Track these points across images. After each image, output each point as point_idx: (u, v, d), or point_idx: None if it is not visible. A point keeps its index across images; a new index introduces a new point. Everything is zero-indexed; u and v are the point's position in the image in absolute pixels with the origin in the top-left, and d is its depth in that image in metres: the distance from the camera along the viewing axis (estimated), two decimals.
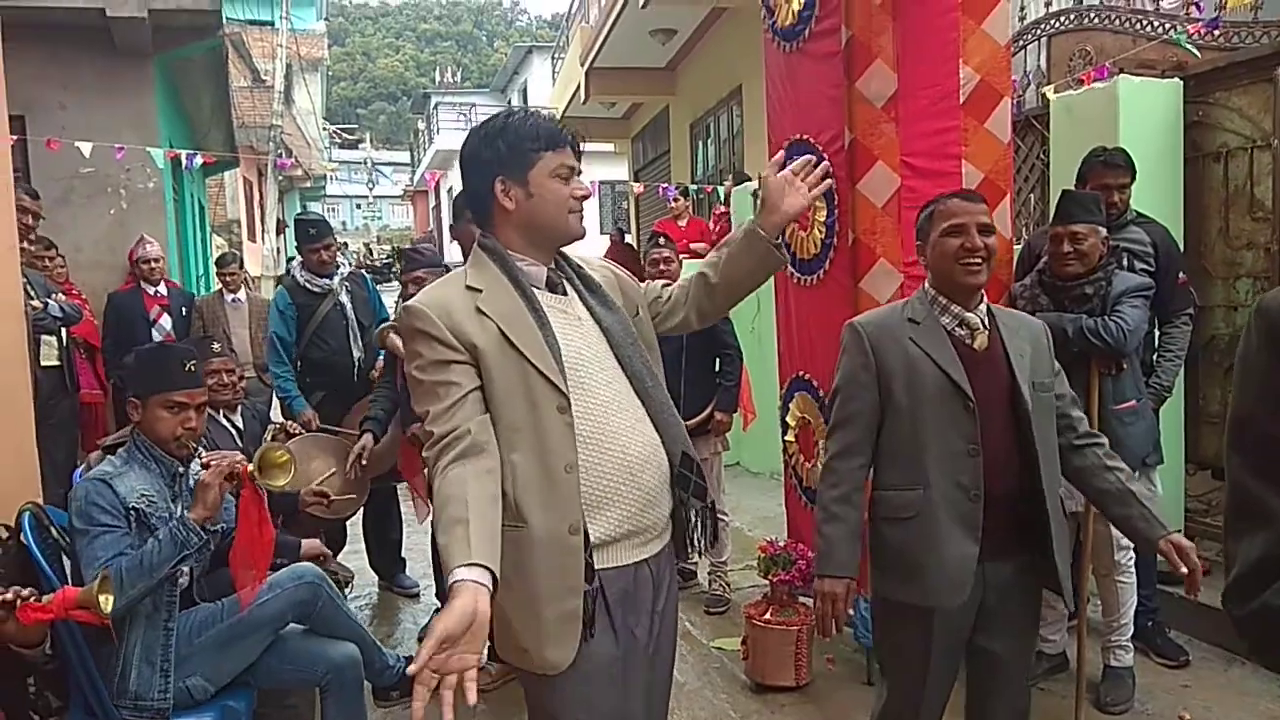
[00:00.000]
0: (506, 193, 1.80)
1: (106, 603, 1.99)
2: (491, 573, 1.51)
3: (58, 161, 7.35)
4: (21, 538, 2.34)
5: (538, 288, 1.83)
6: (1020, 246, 3.92)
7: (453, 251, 4.10)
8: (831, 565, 2.22)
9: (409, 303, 1.79)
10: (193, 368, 2.63)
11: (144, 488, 2.48)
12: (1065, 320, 3.09)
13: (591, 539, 1.74)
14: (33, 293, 4.76)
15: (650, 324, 2.02)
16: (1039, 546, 2.17)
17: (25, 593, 1.97)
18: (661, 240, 4.51)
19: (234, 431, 3.73)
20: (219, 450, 2.83)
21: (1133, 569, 3.30)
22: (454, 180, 11.78)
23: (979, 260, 2.17)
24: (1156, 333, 3.58)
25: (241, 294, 6.70)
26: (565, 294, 1.88)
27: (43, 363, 4.89)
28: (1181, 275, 3.65)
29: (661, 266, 4.32)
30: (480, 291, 1.78)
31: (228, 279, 6.70)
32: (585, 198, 1.86)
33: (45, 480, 3.47)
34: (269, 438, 3.85)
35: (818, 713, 3.39)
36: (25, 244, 4.74)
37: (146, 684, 2.44)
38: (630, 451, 1.80)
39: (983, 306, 2.25)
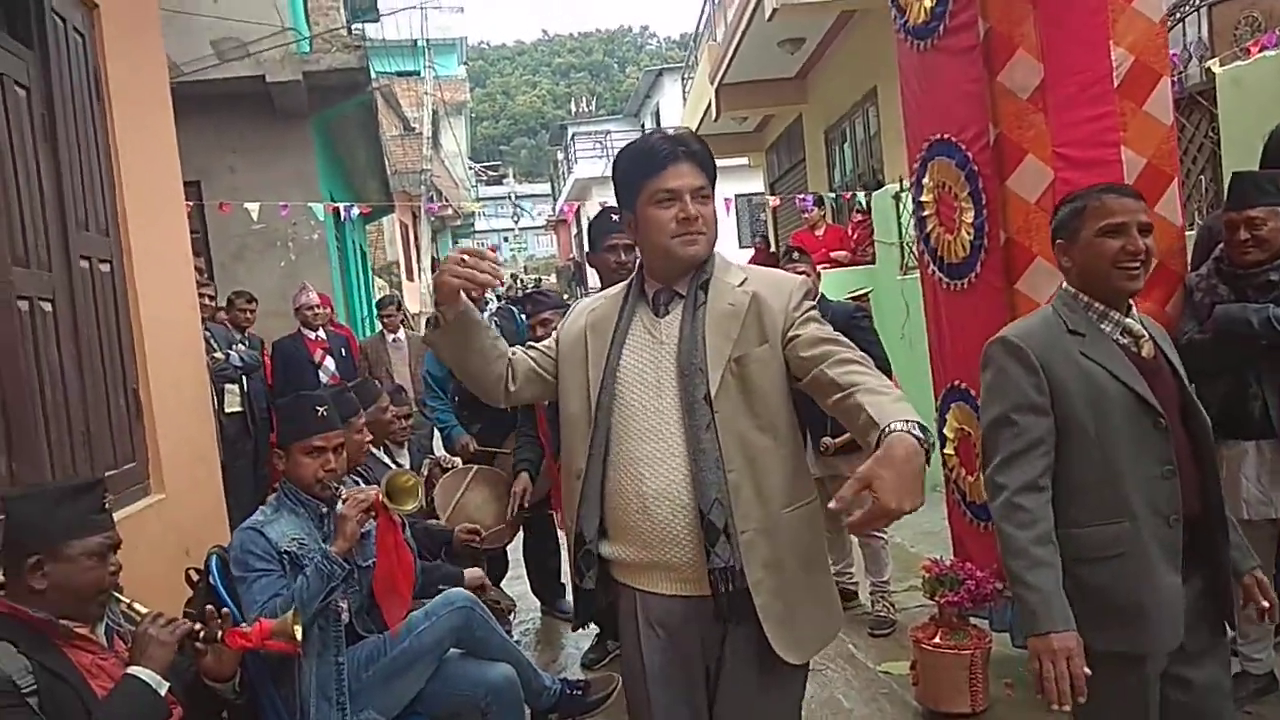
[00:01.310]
0: (630, 225, 1.92)
1: (298, 633, 2.10)
2: None
3: (230, 221, 7.94)
4: (210, 580, 2.50)
5: (647, 305, 1.91)
6: (1194, 232, 3.64)
7: (594, 277, 4.16)
8: (1052, 618, 1.85)
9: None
10: (325, 413, 2.73)
11: (294, 532, 2.59)
12: (1250, 311, 2.83)
13: (611, 555, 1.87)
14: (215, 345, 5.14)
15: (779, 357, 1.84)
16: (1216, 563, 1.99)
17: (225, 612, 2.10)
18: (796, 255, 4.43)
19: (397, 467, 3.89)
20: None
21: None
22: (592, 208, 12.01)
23: (1139, 264, 1.97)
24: None
25: (401, 334, 7.03)
26: (666, 314, 1.88)
27: (227, 410, 5.26)
28: None
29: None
30: (596, 307, 1.98)
31: (386, 320, 7.03)
32: (686, 219, 1.81)
33: (232, 521, 3.71)
34: (424, 473, 3.99)
35: None
36: (205, 299, 5.10)
37: (325, 717, 2.56)
38: (646, 481, 1.80)
39: (1134, 310, 2.08)
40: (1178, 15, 5.13)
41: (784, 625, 1.80)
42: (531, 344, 2.06)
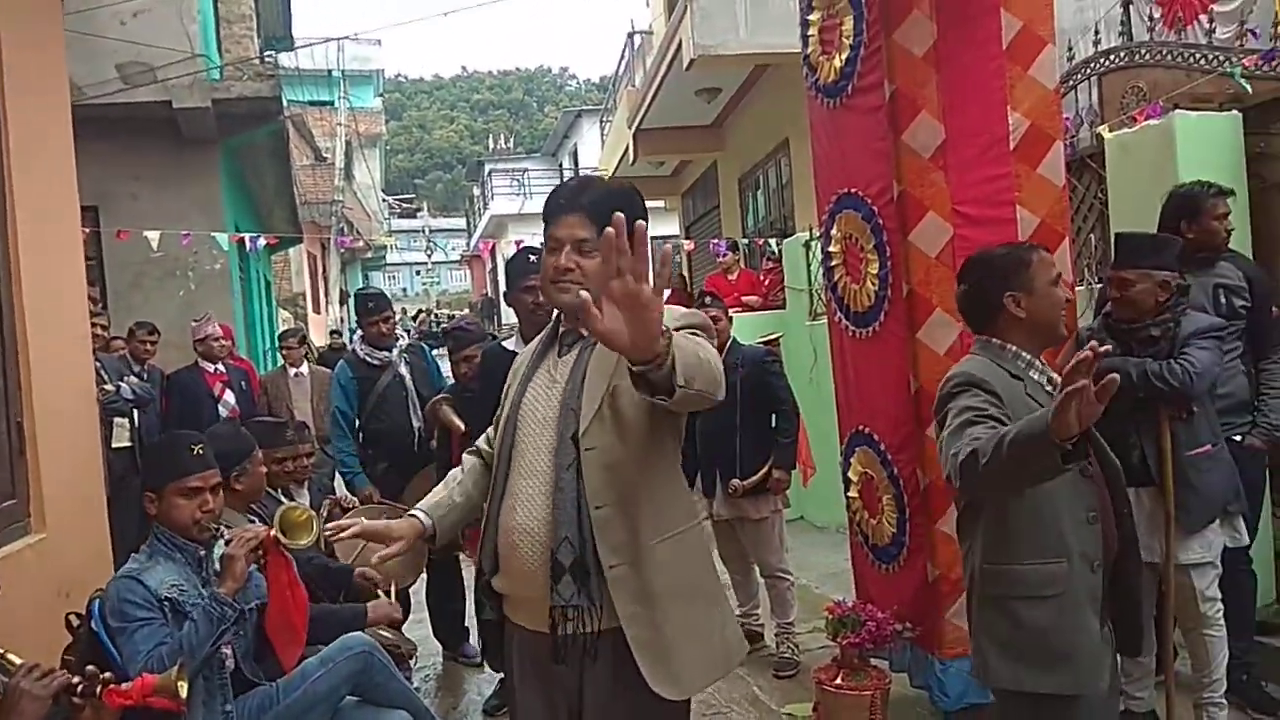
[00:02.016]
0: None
1: (183, 689, 2.00)
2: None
3: (129, 249, 7.66)
4: (92, 625, 2.37)
5: (554, 346, 1.99)
6: (1083, 288, 3.84)
7: (509, 314, 4.13)
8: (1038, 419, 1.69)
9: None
10: (200, 451, 2.63)
11: (172, 579, 2.48)
12: (1130, 364, 2.99)
13: (498, 589, 1.93)
14: (105, 376, 4.93)
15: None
16: (1133, 604, 2.09)
17: (106, 676, 1.99)
18: (708, 300, 4.51)
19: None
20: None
21: (1222, 620, 3.13)
22: (507, 245, 11.99)
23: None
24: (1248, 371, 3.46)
25: (304, 368, 6.85)
26: (566, 354, 1.94)
27: (115, 444, 5.03)
28: (1276, 309, 3.53)
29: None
30: (531, 349, 2.06)
31: (288, 353, 6.85)
32: (558, 269, 1.86)
33: (117, 562, 3.54)
34: (324, 513, 3.89)
35: None
36: (97, 329, 4.90)
37: None
38: (516, 516, 1.86)
39: None
40: (1071, 83, 5.43)
41: (660, 660, 1.79)
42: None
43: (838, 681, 3.41)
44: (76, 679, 1.94)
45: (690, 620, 1.85)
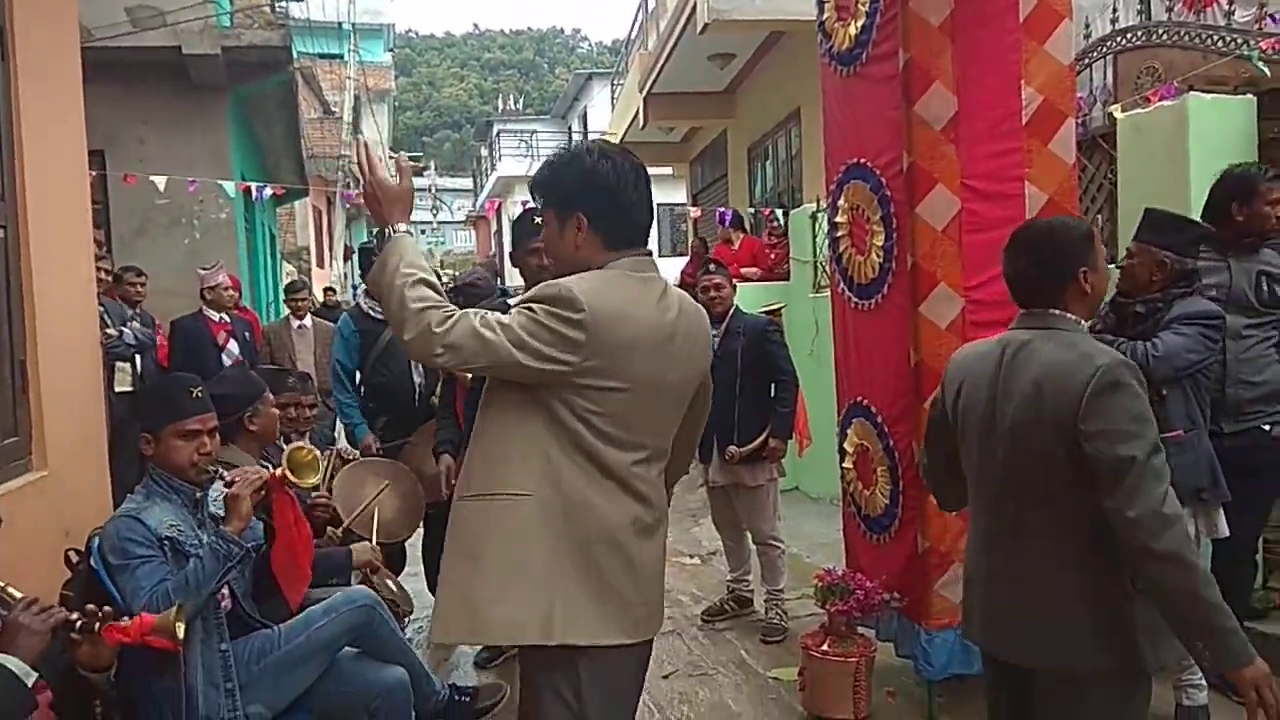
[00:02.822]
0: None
1: (181, 630, 2.03)
2: None
3: (135, 194, 7.64)
4: (91, 562, 2.40)
5: None
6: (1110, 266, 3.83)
7: (514, 276, 4.11)
8: (1249, 647, 1.85)
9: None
10: (200, 394, 2.64)
11: (170, 519, 2.50)
12: (1104, 340, 3.00)
13: None
14: (108, 321, 4.94)
15: None
16: None
17: (106, 611, 2.02)
18: (712, 267, 4.52)
19: None
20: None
21: None
22: (514, 206, 11.92)
23: None
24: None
25: (308, 320, 6.86)
26: None
27: (117, 388, 5.06)
28: None
29: (712, 293, 4.34)
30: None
31: (297, 305, 6.85)
32: None
33: (117, 502, 3.57)
34: (327, 465, 3.91)
35: None
36: (101, 274, 4.90)
37: (214, 706, 2.48)
38: None
39: None
40: (1086, 61, 5.38)
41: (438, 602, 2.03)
42: None
43: (824, 648, 3.45)
44: (76, 615, 1.97)
45: (451, 572, 1.98)
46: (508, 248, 4.26)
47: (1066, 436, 1.91)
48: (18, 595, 1.91)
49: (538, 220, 2.51)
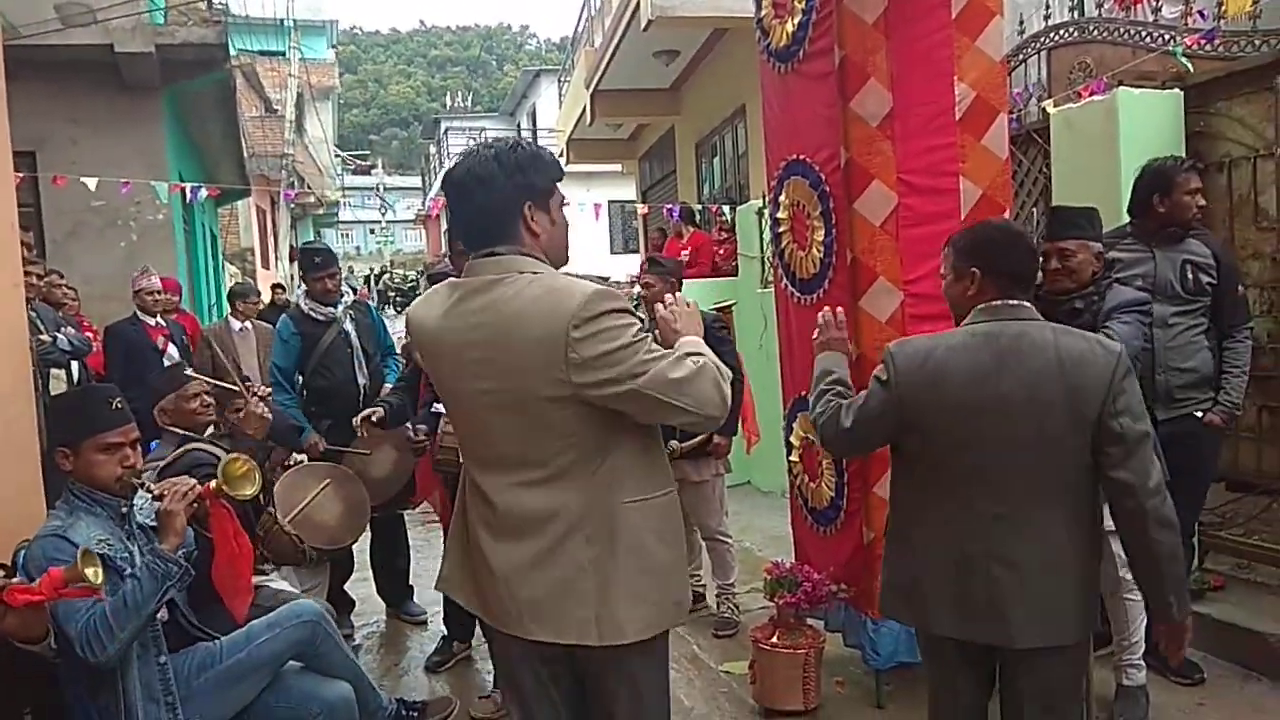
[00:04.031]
0: (534, 218, 1.93)
1: (95, 574, 1.96)
2: None
3: (68, 196, 7.45)
4: (17, 576, 2.33)
5: None
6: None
7: None
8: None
9: (590, 287, 1.84)
10: (119, 404, 2.55)
11: (98, 533, 2.42)
12: None
13: None
14: (41, 326, 4.80)
15: None
16: None
17: (15, 580, 1.96)
18: (646, 265, 4.53)
19: None
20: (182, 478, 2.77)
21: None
22: None
23: None
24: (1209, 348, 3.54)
25: (249, 323, 6.74)
26: None
27: (51, 395, 4.91)
28: (1241, 287, 3.61)
29: (643, 291, 4.35)
30: None
31: (244, 310, 6.74)
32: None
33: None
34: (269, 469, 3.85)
35: None
36: (32, 278, 4.77)
37: None
38: None
39: None
40: (1021, 56, 5.48)
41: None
42: None
43: (773, 640, 3.48)
44: None
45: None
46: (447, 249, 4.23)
47: (1086, 418, 2.05)
48: None
49: None
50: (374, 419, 3.90)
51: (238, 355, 6.54)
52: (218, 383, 3.82)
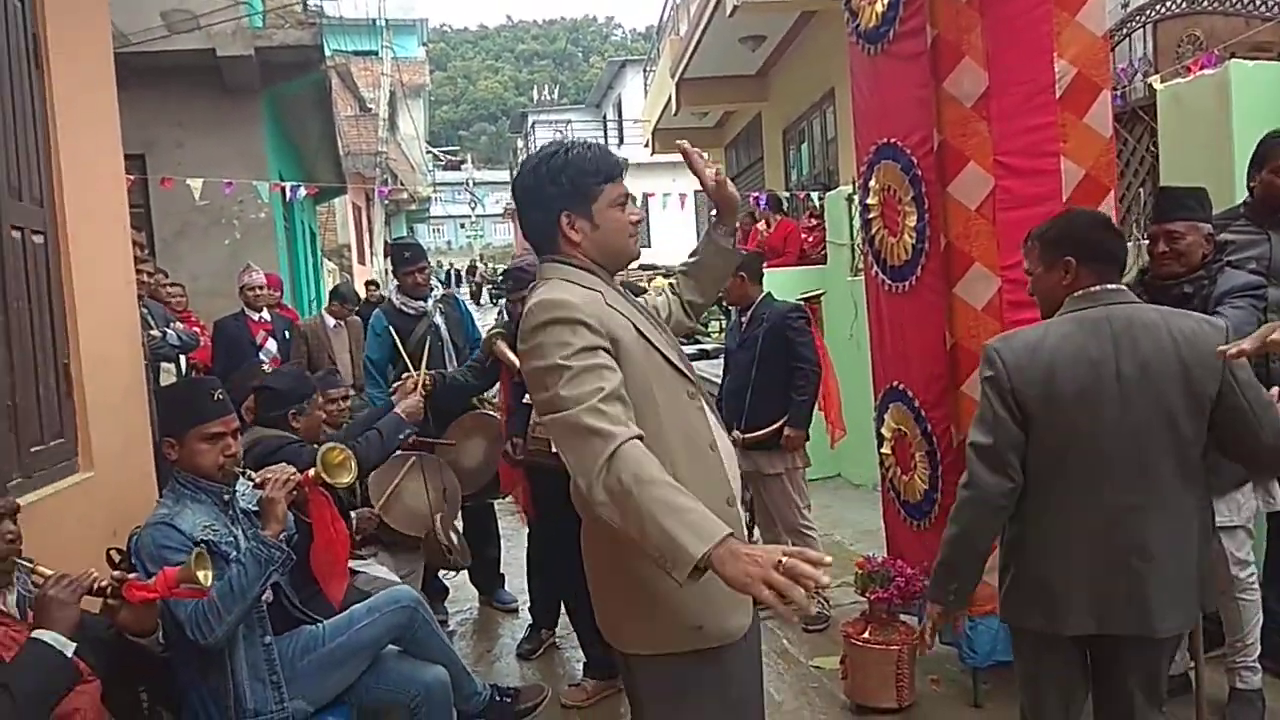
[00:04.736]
0: (572, 225, 1.87)
1: (205, 577, 2.07)
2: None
3: (174, 197, 7.77)
4: (133, 560, 2.45)
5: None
6: (1132, 244, 3.73)
7: None
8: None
9: (548, 296, 1.78)
10: (221, 395, 2.65)
11: (204, 520, 2.52)
12: None
13: None
14: (152, 322, 5.03)
15: None
16: None
17: (131, 576, 2.07)
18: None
19: None
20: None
21: (1255, 585, 3.08)
22: None
23: None
24: None
25: (342, 320, 6.95)
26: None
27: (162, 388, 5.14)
28: None
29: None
30: (601, 293, 1.84)
31: (339, 311, 6.96)
32: (639, 222, 1.97)
33: None
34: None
35: None
36: (143, 276, 4.99)
37: (263, 700, 2.53)
38: (722, 440, 1.91)
39: None
40: (1125, 30, 5.25)
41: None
42: (619, 385, 1.73)
43: (865, 635, 3.42)
44: (103, 580, 2.02)
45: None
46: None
47: (1205, 395, 2.05)
48: (47, 572, 1.97)
49: None
50: (425, 383, 3.93)
51: (332, 350, 6.74)
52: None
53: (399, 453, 4.19)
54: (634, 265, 2.59)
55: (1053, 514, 2.15)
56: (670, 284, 2.26)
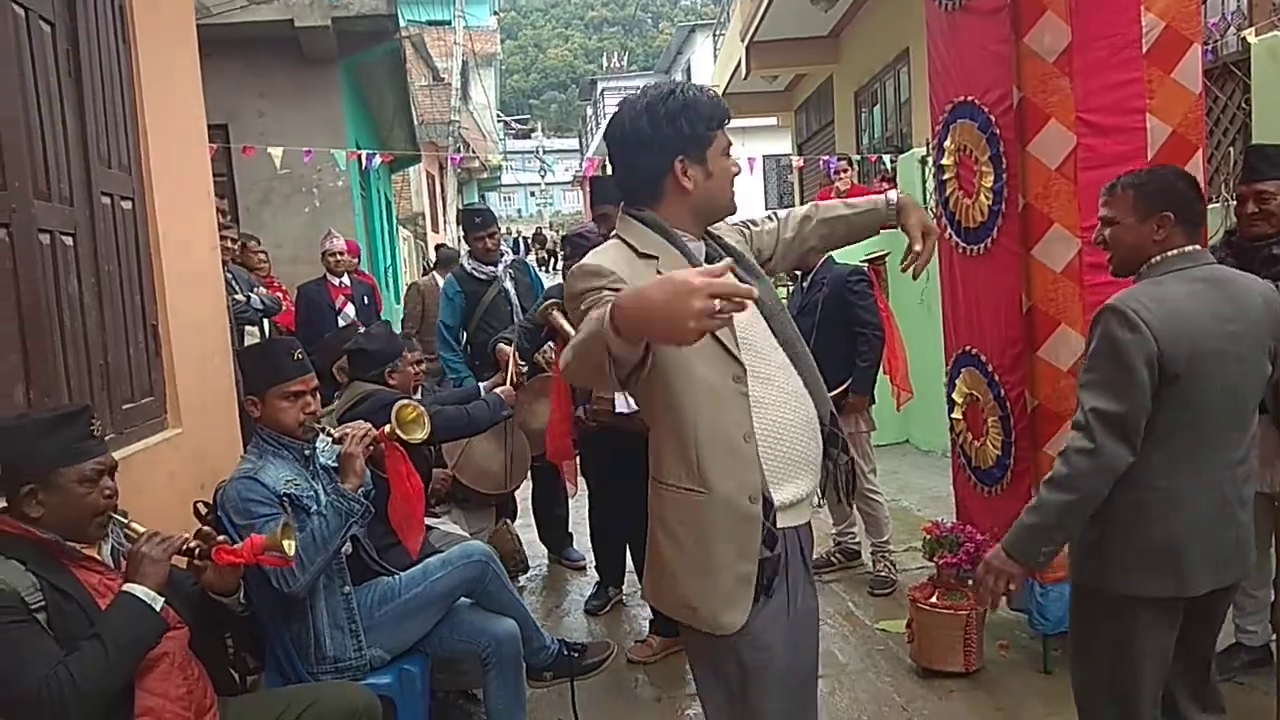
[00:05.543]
0: (685, 172, 1.79)
1: (290, 547, 2.16)
2: None
3: (256, 165, 7.97)
4: (219, 513, 2.56)
5: (700, 262, 1.82)
6: (1218, 205, 3.60)
7: None
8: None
9: (583, 260, 1.75)
10: (300, 355, 2.73)
11: (286, 474, 2.63)
12: None
13: (776, 504, 1.76)
14: (236, 287, 5.20)
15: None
16: None
17: (220, 538, 2.17)
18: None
19: None
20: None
21: None
22: None
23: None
24: None
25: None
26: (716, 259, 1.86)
27: None
28: None
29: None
30: (656, 258, 1.77)
31: (444, 272, 7.11)
32: (739, 173, 1.92)
33: None
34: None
35: (988, 700, 3.25)
36: (227, 242, 5.14)
37: (342, 647, 2.65)
38: (800, 417, 1.83)
39: None
40: None
41: None
42: None
43: (932, 600, 3.40)
44: (193, 541, 2.11)
45: None
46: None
47: (1276, 354, 2.14)
48: (140, 530, 2.05)
49: None
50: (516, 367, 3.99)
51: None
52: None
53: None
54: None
55: (1182, 476, 2.11)
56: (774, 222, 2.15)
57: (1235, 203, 2.96)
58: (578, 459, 4.15)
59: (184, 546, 2.09)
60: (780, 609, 1.79)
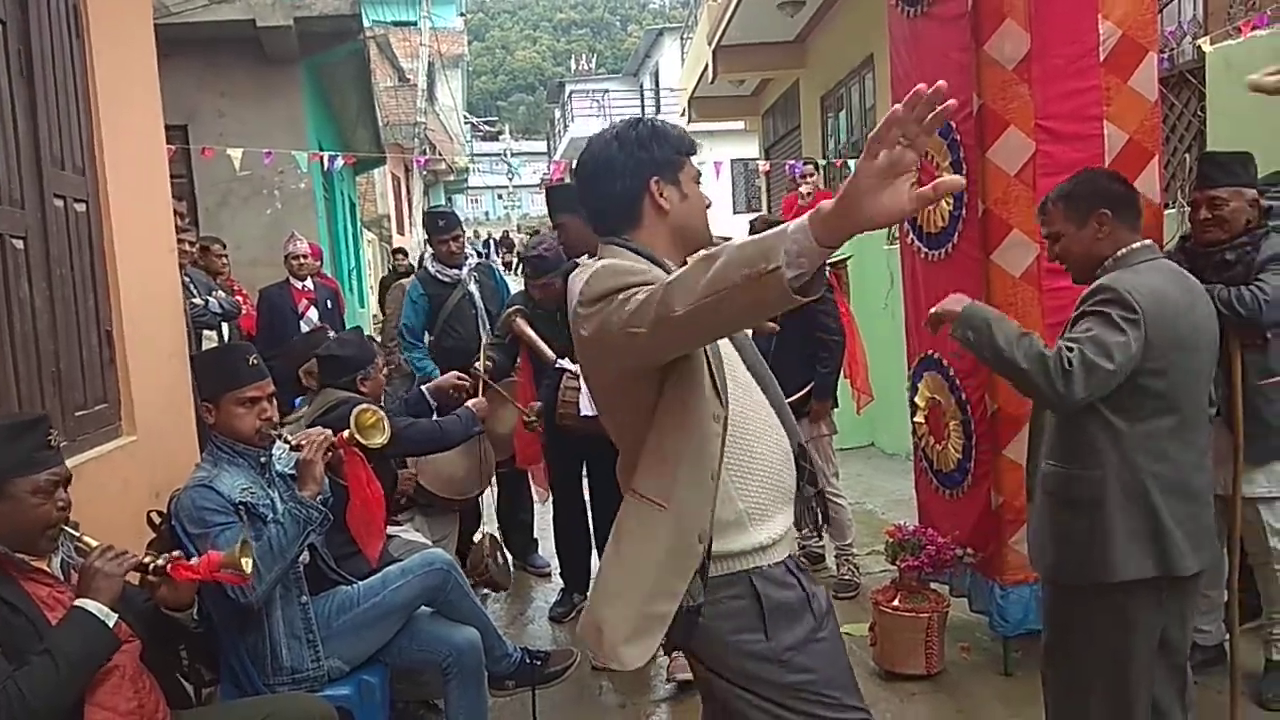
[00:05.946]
0: (661, 193, 1.78)
1: (247, 564, 2.12)
2: None
3: (216, 167, 7.85)
4: (173, 523, 2.51)
5: None
6: (1174, 211, 3.66)
7: None
8: None
9: (610, 262, 1.70)
10: (255, 361, 2.69)
11: (242, 482, 2.58)
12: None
13: (772, 538, 1.76)
14: (194, 290, 5.11)
15: None
16: None
17: (175, 554, 2.13)
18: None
19: None
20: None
21: None
22: None
23: None
24: None
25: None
26: None
27: None
28: None
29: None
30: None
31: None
32: (710, 206, 1.89)
33: None
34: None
35: (949, 702, 3.28)
36: (185, 245, 5.06)
37: (299, 657, 2.61)
38: (782, 449, 1.83)
39: None
40: None
41: None
42: None
43: (895, 603, 3.42)
44: (148, 557, 2.07)
45: None
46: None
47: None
48: (93, 543, 2.01)
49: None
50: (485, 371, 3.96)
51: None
52: None
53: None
54: None
55: (1165, 459, 2.17)
56: None
57: (1190, 209, 3.01)
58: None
59: (139, 563, 2.05)
60: (810, 627, 1.81)
